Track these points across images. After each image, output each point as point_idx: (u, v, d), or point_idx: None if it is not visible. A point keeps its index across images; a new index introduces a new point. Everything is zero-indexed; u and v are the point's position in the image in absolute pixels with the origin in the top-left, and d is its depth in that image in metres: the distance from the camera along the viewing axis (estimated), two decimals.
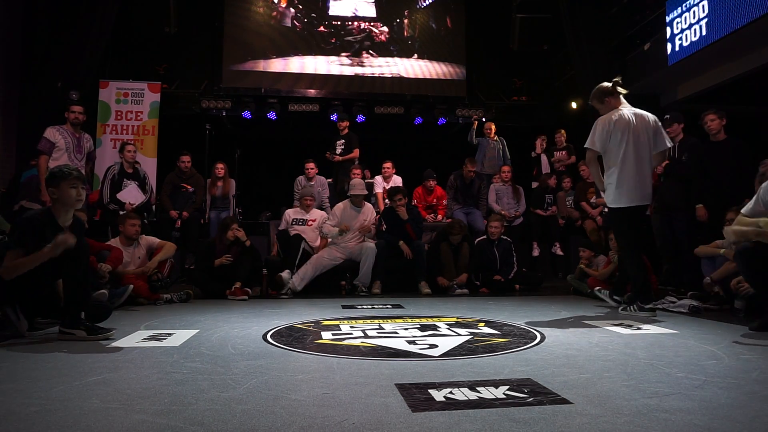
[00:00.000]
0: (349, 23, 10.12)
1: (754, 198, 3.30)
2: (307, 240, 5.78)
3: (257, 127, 9.88)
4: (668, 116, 5.52)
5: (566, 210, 7.25)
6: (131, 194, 5.98)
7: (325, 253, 5.58)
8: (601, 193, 4.32)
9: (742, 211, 3.34)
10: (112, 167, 6.24)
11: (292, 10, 9.97)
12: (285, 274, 5.28)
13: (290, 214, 6.14)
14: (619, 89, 4.04)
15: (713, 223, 4.76)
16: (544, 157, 8.09)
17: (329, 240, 5.73)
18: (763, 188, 3.26)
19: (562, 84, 9.97)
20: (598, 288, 4.69)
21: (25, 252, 2.86)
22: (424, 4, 10.34)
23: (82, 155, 5.66)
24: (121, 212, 5.76)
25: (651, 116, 4.02)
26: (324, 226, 5.76)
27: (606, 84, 4.11)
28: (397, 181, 7.50)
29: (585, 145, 4.02)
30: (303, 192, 6.39)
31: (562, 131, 8.02)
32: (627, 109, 3.99)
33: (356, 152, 7.61)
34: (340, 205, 6.00)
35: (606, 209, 6.21)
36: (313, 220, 6.01)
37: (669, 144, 4.07)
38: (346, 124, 7.74)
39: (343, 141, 7.65)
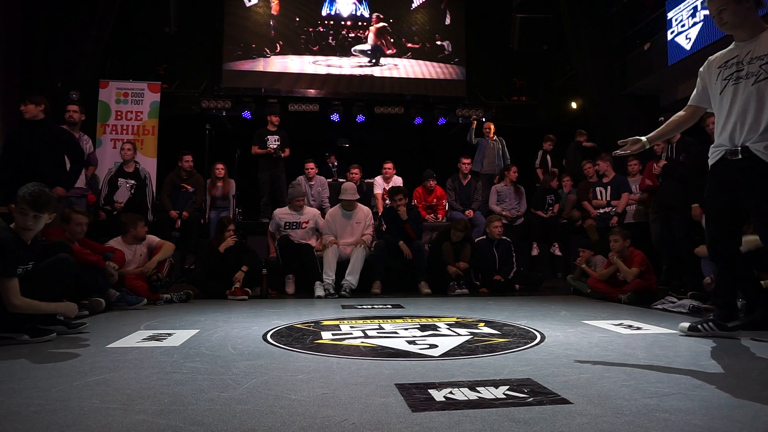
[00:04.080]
0: (350, 23, 10.13)
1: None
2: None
3: (257, 127, 9.87)
4: (662, 118, 5.52)
5: (569, 211, 7.25)
6: (121, 194, 6.01)
7: (331, 250, 5.55)
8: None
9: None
10: (111, 169, 6.27)
11: (292, 10, 9.97)
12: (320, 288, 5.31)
13: (282, 216, 5.82)
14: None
15: None
16: (548, 158, 8.10)
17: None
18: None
19: (562, 84, 9.97)
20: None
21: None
22: (424, 4, 10.34)
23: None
24: (114, 213, 5.77)
25: None
26: (324, 238, 5.73)
27: None
28: (397, 182, 7.48)
29: None
30: (292, 193, 5.90)
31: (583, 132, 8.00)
32: None
33: (287, 151, 7.44)
34: (332, 211, 5.98)
35: (604, 210, 6.25)
36: (306, 222, 5.80)
37: None
38: (278, 119, 7.56)
39: (278, 137, 7.42)
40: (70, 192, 5.34)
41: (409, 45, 10.23)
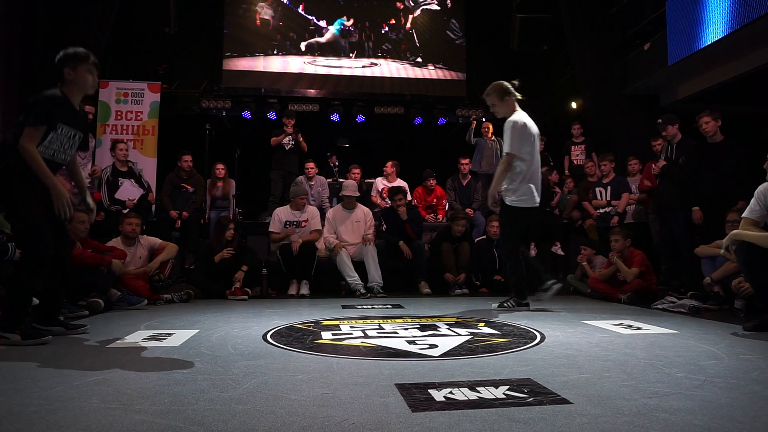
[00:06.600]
0: (350, 23, 10.12)
1: (753, 201, 3.27)
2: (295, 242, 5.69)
3: (257, 127, 9.87)
4: (660, 120, 5.49)
5: (569, 211, 7.25)
6: (127, 191, 5.99)
7: (344, 252, 5.53)
8: (496, 195, 4.29)
9: (744, 214, 3.30)
10: (105, 169, 6.26)
11: (293, 10, 9.97)
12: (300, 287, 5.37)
13: (282, 215, 5.78)
14: (516, 93, 4.29)
15: (710, 224, 4.77)
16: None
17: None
18: (759, 191, 3.27)
19: (562, 84, 9.96)
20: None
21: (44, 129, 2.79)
22: (424, 4, 10.33)
23: (87, 152, 5.65)
24: (123, 211, 5.75)
25: None
26: (326, 239, 5.70)
27: (505, 82, 4.26)
28: (401, 184, 7.42)
29: (507, 151, 4.11)
30: (295, 191, 5.85)
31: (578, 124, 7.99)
32: (524, 114, 4.20)
33: (305, 146, 7.62)
34: (333, 209, 5.98)
35: (604, 210, 6.25)
36: (306, 221, 5.75)
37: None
38: (293, 122, 7.61)
39: (292, 138, 7.52)
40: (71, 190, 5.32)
41: (409, 45, 10.22)
